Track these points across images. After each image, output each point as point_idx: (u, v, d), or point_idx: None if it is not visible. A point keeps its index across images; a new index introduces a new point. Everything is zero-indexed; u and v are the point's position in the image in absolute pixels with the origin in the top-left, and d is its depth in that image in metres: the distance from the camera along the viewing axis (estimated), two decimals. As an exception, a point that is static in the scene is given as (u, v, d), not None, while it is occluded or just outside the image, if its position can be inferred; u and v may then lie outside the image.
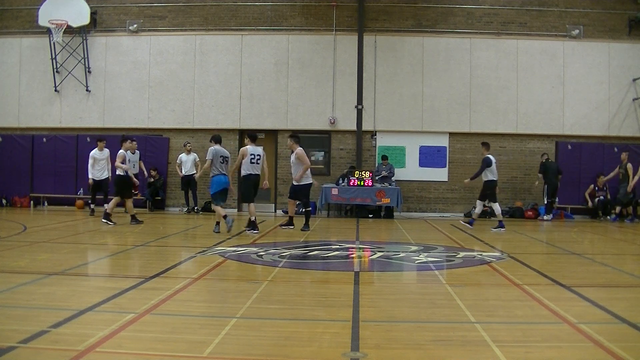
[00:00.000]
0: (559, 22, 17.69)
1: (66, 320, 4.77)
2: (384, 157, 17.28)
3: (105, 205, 13.42)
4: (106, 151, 14.99)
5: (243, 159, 11.76)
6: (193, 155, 16.88)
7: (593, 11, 17.64)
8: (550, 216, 16.54)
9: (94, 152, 14.94)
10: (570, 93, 17.53)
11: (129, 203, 13.33)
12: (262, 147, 12.26)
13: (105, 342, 4.22)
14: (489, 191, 13.37)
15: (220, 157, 11.61)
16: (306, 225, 12.57)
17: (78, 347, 4.07)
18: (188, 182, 16.82)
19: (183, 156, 16.90)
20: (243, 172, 11.90)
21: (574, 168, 17.23)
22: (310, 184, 12.64)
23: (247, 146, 11.89)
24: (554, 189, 16.59)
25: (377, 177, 16.78)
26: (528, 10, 17.72)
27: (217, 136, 12.08)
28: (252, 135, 12.20)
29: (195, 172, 16.49)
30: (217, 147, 11.69)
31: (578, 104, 17.54)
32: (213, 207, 11.90)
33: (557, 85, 17.54)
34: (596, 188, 16.90)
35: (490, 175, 13.25)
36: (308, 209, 12.88)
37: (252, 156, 11.75)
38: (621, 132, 17.52)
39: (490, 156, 13.31)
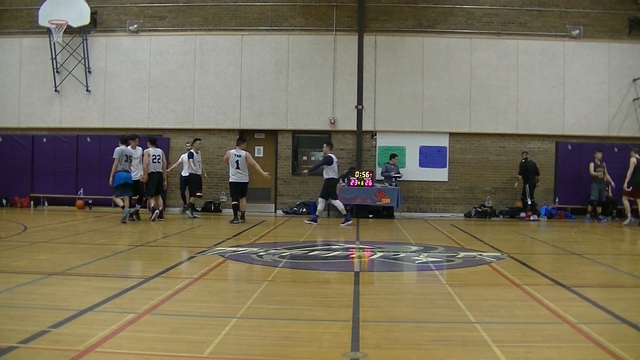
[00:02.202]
0: (559, 22, 17.70)
1: (66, 320, 4.77)
2: (393, 156, 17.13)
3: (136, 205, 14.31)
4: (139, 150, 14.34)
5: (148, 159, 14.18)
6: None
7: (593, 11, 17.65)
8: (536, 217, 16.59)
9: (123, 149, 13.96)
10: (570, 93, 17.53)
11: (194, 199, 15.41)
12: (161, 149, 14.88)
13: (105, 342, 4.22)
14: (329, 188, 14.08)
15: (125, 155, 13.58)
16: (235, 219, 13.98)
17: (78, 347, 4.07)
18: (187, 182, 16.64)
19: (184, 156, 16.57)
20: (149, 170, 14.30)
21: (574, 168, 17.21)
22: (231, 182, 14.08)
23: (149, 148, 14.32)
24: (533, 189, 16.61)
25: (384, 175, 16.80)
26: (528, 10, 17.72)
27: (123, 137, 13.93)
28: (151, 138, 14.84)
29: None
30: (122, 147, 13.60)
31: (578, 104, 17.54)
32: (114, 198, 13.86)
33: (557, 85, 17.55)
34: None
35: (331, 173, 14.04)
36: (234, 202, 14.14)
37: (153, 157, 14.30)
38: (621, 132, 17.52)
39: (332, 155, 14.13)
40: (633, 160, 15.46)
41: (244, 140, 15.00)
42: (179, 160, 16.58)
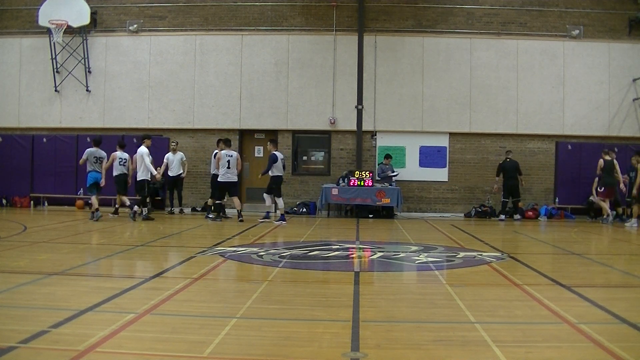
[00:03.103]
0: (559, 22, 17.69)
1: (66, 320, 4.77)
2: (388, 156, 17.18)
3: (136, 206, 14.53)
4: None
5: (114, 161, 14.74)
6: (179, 155, 16.29)
7: (593, 11, 17.65)
8: (503, 217, 16.47)
9: (146, 150, 14.40)
10: (570, 93, 17.53)
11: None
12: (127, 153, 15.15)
13: (105, 342, 4.22)
14: (274, 186, 14.38)
15: (94, 157, 14.30)
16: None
17: (78, 347, 4.07)
18: (174, 183, 16.37)
19: (169, 155, 16.22)
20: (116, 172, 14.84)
21: (574, 168, 17.21)
22: (221, 181, 14.61)
23: (116, 152, 14.83)
24: (511, 189, 16.48)
25: (381, 177, 16.83)
26: (528, 10, 17.72)
27: (95, 138, 14.88)
28: (120, 143, 15.26)
29: (182, 172, 16.26)
30: (92, 148, 14.40)
31: (578, 104, 17.54)
32: (90, 196, 14.42)
33: (557, 85, 17.54)
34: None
35: (276, 171, 14.31)
36: (218, 202, 15.10)
37: (120, 159, 14.76)
38: (621, 132, 17.52)
39: (276, 153, 14.42)
40: (600, 162, 15.62)
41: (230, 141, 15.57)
42: (165, 161, 16.31)
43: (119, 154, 14.88)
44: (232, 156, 14.46)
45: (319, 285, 6.91)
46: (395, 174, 17.05)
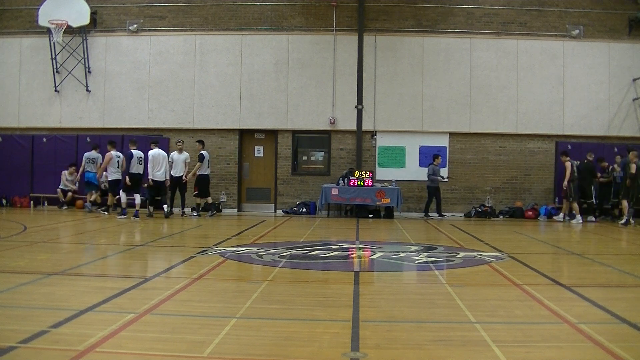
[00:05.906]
0: (559, 22, 17.69)
1: (66, 320, 4.77)
2: (437, 156, 17.01)
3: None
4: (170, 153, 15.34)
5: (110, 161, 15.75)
6: (185, 155, 15.90)
7: (593, 11, 17.64)
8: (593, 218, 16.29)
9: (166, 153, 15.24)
10: (570, 93, 17.53)
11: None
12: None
13: (105, 342, 4.22)
14: (132, 182, 14.85)
15: (87, 159, 16.25)
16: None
17: (78, 347, 4.07)
18: (177, 183, 15.88)
19: (175, 155, 15.82)
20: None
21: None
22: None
23: (112, 152, 15.77)
24: (581, 190, 16.40)
25: (431, 179, 16.74)
26: (528, 10, 17.72)
27: (93, 143, 16.73)
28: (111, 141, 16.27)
29: (183, 173, 15.91)
30: (89, 152, 16.44)
31: (578, 104, 17.54)
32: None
33: (557, 85, 17.54)
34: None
35: (133, 169, 14.93)
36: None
37: (118, 158, 15.61)
38: (621, 132, 17.52)
39: (133, 151, 14.99)
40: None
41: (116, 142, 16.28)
42: (170, 159, 15.97)
43: (114, 153, 15.67)
44: (120, 157, 15.56)
45: (319, 285, 6.91)
46: (446, 178, 17.13)
